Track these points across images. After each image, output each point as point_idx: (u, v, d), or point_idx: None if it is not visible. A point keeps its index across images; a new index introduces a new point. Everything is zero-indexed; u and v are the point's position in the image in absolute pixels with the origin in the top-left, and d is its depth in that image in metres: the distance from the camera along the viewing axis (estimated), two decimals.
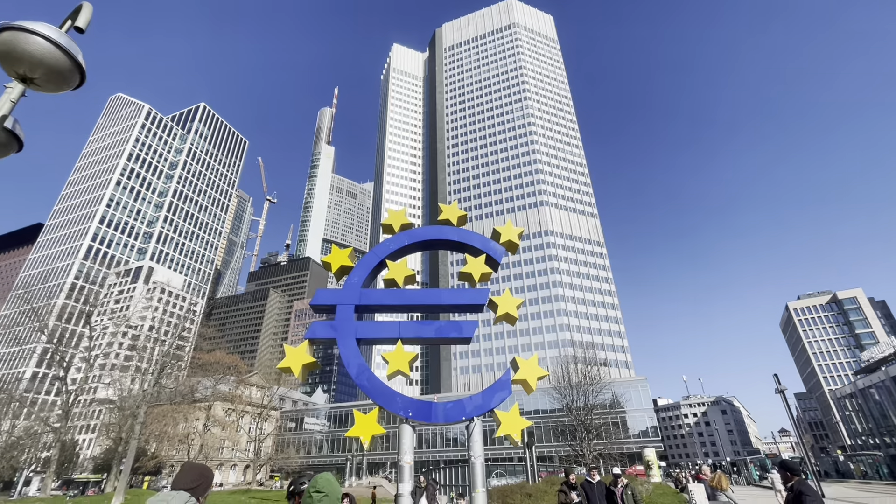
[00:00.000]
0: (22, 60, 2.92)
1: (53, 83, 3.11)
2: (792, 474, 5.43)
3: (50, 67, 2.99)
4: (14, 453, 55.30)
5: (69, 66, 3.06)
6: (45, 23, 2.98)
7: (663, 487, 20.52)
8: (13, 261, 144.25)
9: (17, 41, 2.87)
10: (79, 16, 3.21)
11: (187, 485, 2.68)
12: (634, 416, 67.40)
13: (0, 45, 2.87)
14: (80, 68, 3.13)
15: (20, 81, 3.04)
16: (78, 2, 3.42)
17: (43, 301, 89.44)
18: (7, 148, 3.44)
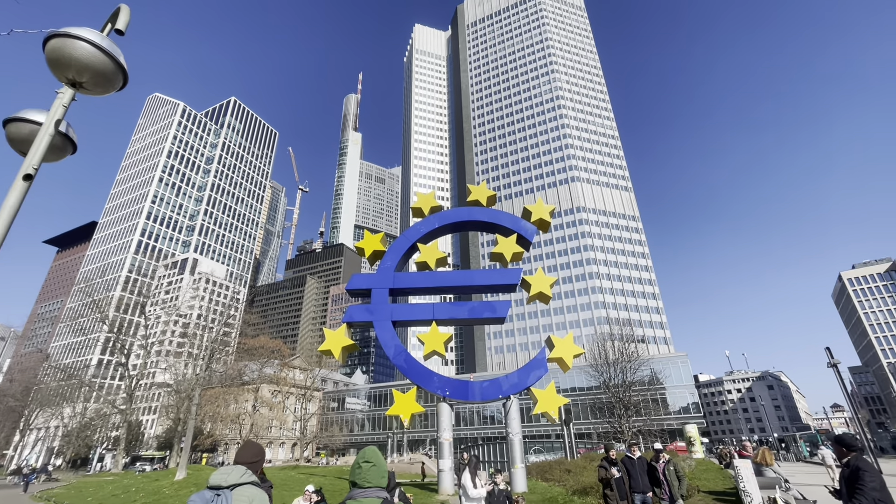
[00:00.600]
0: (70, 66, 3.09)
1: (100, 86, 3.29)
2: (848, 450, 5.15)
3: (96, 71, 3.16)
4: (88, 432, 60.62)
5: (113, 68, 3.22)
6: (88, 28, 3.13)
7: (706, 463, 20.16)
8: (74, 257, 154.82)
9: (64, 48, 3.04)
10: (118, 18, 3.36)
11: (247, 460, 3.07)
12: (674, 392, 66.12)
13: (49, 53, 3.06)
14: (123, 70, 3.29)
15: (70, 86, 3.23)
16: (116, 4, 3.56)
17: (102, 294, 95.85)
18: (63, 151, 3.68)
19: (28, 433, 72.11)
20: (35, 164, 3.06)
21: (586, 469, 16.21)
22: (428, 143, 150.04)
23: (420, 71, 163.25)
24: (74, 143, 3.66)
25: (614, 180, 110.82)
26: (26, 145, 3.44)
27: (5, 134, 3.55)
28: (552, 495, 13.94)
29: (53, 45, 3.04)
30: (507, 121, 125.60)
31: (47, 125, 3.16)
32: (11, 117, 3.43)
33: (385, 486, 2.80)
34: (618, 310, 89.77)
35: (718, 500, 12.21)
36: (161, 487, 21.46)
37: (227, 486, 2.83)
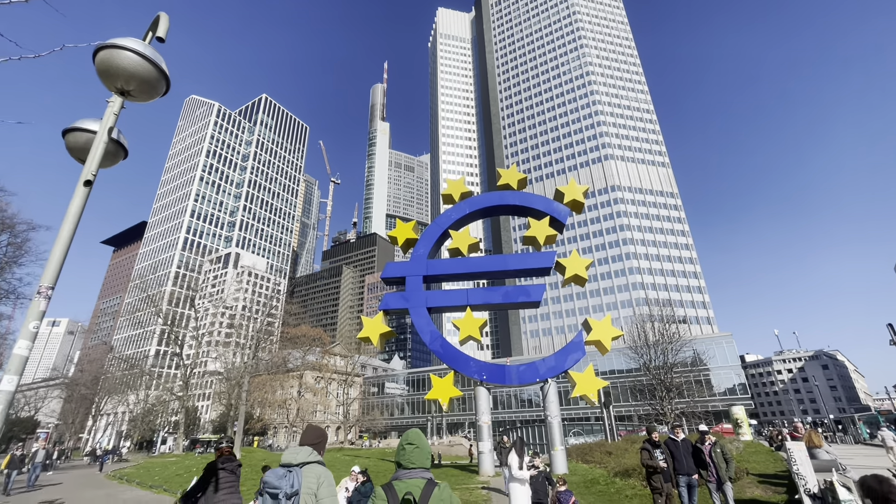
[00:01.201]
0: (119, 75, 3.29)
1: (146, 93, 3.48)
2: None
3: (142, 79, 3.35)
4: (151, 417, 65.32)
5: (157, 75, 3.40)
6: (133, 38, 3.31)
7: (755, 446, 19.47)
8: (129, 255, 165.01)
9: (112, 58, 3.23)
10: (158, 26, 3.53)
11: (311, 440, 3.42)
12: (719, 373, 63.90)
13: (99, 64, 3.25)
14: (166, 76, 3.47)
15: (119, 94, 3.44)
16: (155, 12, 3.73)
17: (155, 289, 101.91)
18: (116, 156, 3.93)
19: (99, 418, 78.43)
20: (93, 170, 3.28)
21: (628, 451, 16.04)
22: (455, 128, 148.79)
23: (445, 55, 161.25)
24: (126, 149, 3.90)
25: (650, 156, 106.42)
26: (84, 153, 3.69)
27: (65, 143, 3.82)
28: (593, 477, 13.91)
29: (102, 57, 3.24)
30: (535, 100, 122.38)
31: (101, 133, 3.38)
32: (69, 128, 3.69)
33: (428, 466, 2.90)
34: (657, 290, 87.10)
35: (768, 482, 11.82)
36: None
37: (296, 464, 3.18)
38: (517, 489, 8.00)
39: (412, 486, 2.76)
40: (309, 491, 3.06)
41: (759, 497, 10.57)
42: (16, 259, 31.83)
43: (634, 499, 11.01)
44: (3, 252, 31.80)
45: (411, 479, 2.80)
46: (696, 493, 8.63)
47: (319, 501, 3.06)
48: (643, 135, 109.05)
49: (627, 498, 11.20)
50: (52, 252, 3.05)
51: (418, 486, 2.74)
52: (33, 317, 2.89)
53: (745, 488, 11.31)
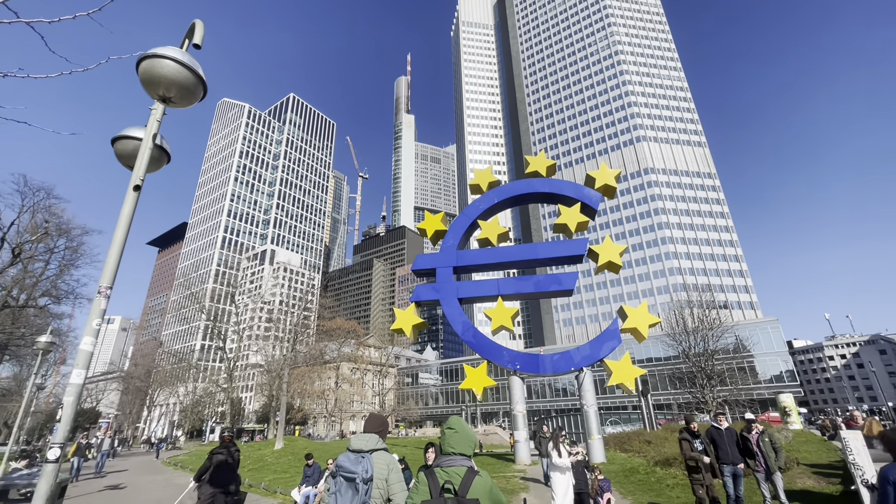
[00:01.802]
0: (160, 84, 3.45)
1: (185, 99, 3.64)
2: None
3: (181, 86, 3.50)
4: (199, 408, 68.94)
5: (195, 81, 3.55)
6: (172, 46, 3.46)
7: (806, 435, 18.61)
8: (172, 255, 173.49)
9: (154, 67, 3.39)
10: (194, 34, 3.67)
11: (375, 428, 3.57)
12: (764, 360, 61.27)
13: (143, 74, 3.42)
14: (203, 82, 3.62)
15: (161, 102, 3.61)
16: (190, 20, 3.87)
17: (198, 286, 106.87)
18: (160, 161, 4.13)
19: (153, 409, 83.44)
20: (141, 175, 3.47)
21: (667, 440, 15.69)
22: (481, 116, 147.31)
23: (468, 43, 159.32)
24: (169, 154, 4.09)
25: (685, 136, 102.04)
26: (131, 160, 3.90)
27: (114, 151, 4.04)
28: (633, 466, 13.71)
29: (145, 67, 3.40)
30: (563, 84, 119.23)
31: (146, 139, 3.56)
32: (117, 136, 3.90)
33: (471, 453, 2.91)
34: (695, 275, 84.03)
35: (821, 473, 11.30)
36: (264, 455, 24.00)
37: (367, 451, 3.36)
38: (558, 478, 7.99)
39: (453, 473, 2.75)
40: (380, 476, 3.23)
41: (812, 488, 10.14)
42: (73, 262, 34.05)
43: (676, 488, 10.79)
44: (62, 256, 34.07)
45: (452, 467, 2.79)
46: (742, 483, 8.34)
47: (390, 486, 3.24)
48: (677, 114, 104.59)
49: (669, 487, 10.99)
50: (109, 254, 3.25)
51: (458, 475, 2.74)
52: (95, 315, 3.11)
53: (795, 478, 10.87)
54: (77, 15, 3.12)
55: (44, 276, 33.86)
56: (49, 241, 32.71)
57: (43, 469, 2.70)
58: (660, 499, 9.98)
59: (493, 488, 2.74)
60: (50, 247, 33.15)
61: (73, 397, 2.91)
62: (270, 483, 15.69)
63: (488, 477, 2.81)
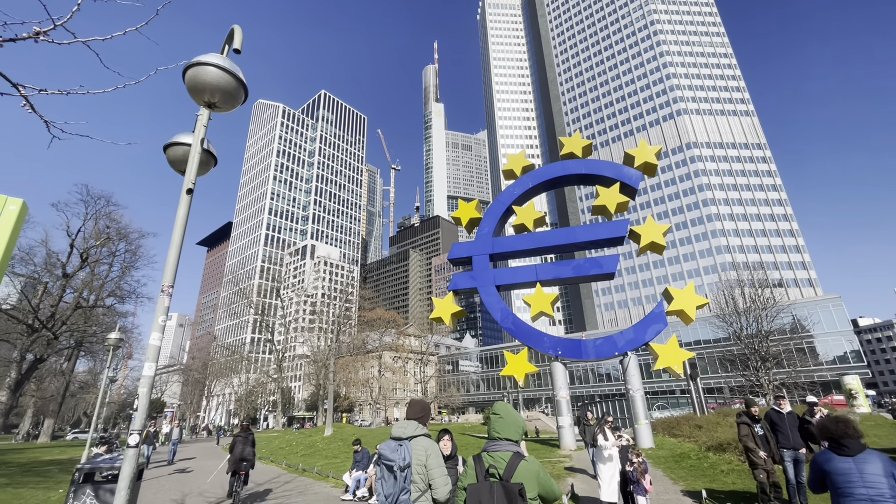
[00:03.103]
0: (205, 90, 3.61)
1: (228, 103, 3.79)
2: None
3: (224, 91, 3.65)
4: (253, 397, 72.79)
5: (236, 86, 3.70)
6: (214, 53, 3.61)
7: (875, 418, 17.42)
8: (220, 253, 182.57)
9: (198, 75, 3.55)
10: (233, 39, 3.81)
11: (416, 415, 3.67)
12: (826, 339, 57.54)
13: (189, 82, 3.59)
14: (245, 86, 3.76)
15: (206, 107, 3.77)
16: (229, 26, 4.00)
17: (245, 282, 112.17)
18: (208, 165, 4.33)
19: (211, 399, 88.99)
20: (192, 179, 3.66)
21: (720, 425, 15.11)
22: (511, 100, 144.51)
23: (495, 25, 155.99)
24: (216, 157, 4.28)
25: (730, 105, 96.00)
26: (182, 164, 4.11)
27: (166, 157, 4.28)
28: (683, 451, 13.33)
29: (190, 75, 3.57)
30: (595, 60, 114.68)
31: (195, 144, 3.75)
32: (169, 143, 4.13)
33: (518, 438, 2.93)
34: (746, 253, 79.63)
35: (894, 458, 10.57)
36: (315, 442, 25.10)
37: (406, 438, 3.46)
38: (604, 465, 7.92)
39: (498, 458, 2.78)
40: (419, 462, 3.34)
41: None
42: (132, 264, 36.51)
43: (731, 474, 10.41)
44: (123, 258, 36.58)
45: (498, 452, 2.81)
46: (803, 469, 7.94)
47: (429, 471, 3.33)
48: (721, 83, 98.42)
49: (723, 473, 10.61)
50: (168, 255, 3.47)
51: (504, 459, 2.76)
52: (161, 312, 3.33)
53: None
54: (127, 31, 3.30)
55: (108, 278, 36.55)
56: (111, 246, 35.21)
57: (125, 453, 2.96)
58: (713, 484, 9.67)
59: (539, 473, 2.75)
60: (112, 251, 35.68)
61: (146, 388, 3.15)
62: (322, 468, 16.41)
63: (535, 461, 2.81)
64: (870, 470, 3.30)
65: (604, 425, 8.16)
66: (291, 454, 22.35)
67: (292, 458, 20.69)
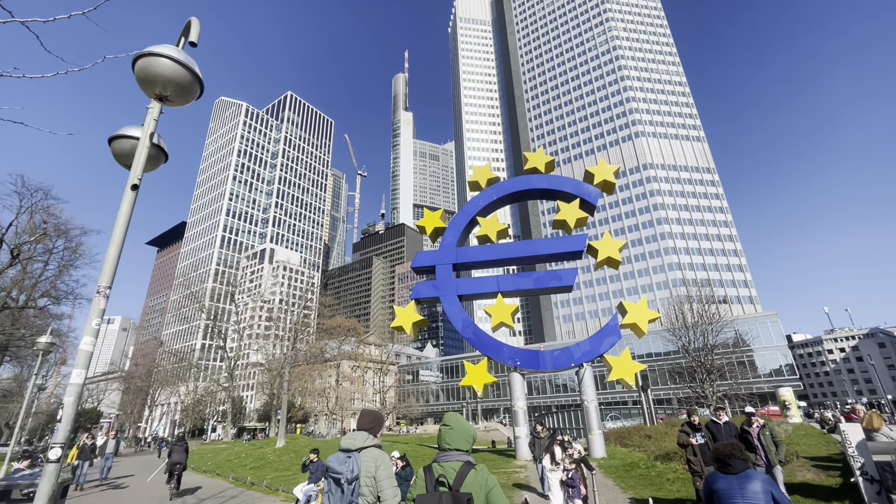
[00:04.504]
0: (157, 82, 3.43)
1: (182, 97, 3.62)
2: None
3: (178, 84, 3.49)
4: (200, 407, 69.04)
5: (191, 79, 3.54)
6: (168, 45, 3.44)
7: (806, 428, 18.71)
8: (172, 255, 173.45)
9: (150, 66, 3.38)
10: (190, 31, 3.66)
11: (367, 425, 3.57)
12: (764, 354, 61.44)
13: (139, 72, 3.41)
14: (200, 81, 3.60)
15: (157, 100, 3.59)
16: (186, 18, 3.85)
17: (197, 286, 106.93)
18: (157, 160, 4.12)
19: (154, 408, 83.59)
20: (139, 174, 3.46)
21: (667, 434, 15.75)
22: (479, 113, 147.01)
23: (465, 39, 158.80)
24: (166, 153, 4.08)
25: (684, 131, 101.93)
26: (129, 159, 3.89)
27: (111, 150, 4.03)
28: (633, 460, 13.76)
29: (141, 65, 3.39)
30: (561, 79, 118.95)
31: (144, 138, 3.55)
32: (114, 135, 3.89)
33: (468, 448, 2.94)
34: (695, 270, 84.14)
35: (821, 466, 11.36)
36: (265, 454, 24.07)
37: (355, 449, 3.35)
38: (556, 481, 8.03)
39: (448, 468, 2.81)
40: (368, 474, 3.23)
41: (811, 480, 10.19)
42: (72, 262, 33.98)
43: (676, 482, 10.83)
44: (61, 256, 34.00)
45: (448, 462, 2.85)
46: None
47: (378, 483, 3.22)
48: (676, 109, 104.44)
49: (669, 481, 11.03)
50: (107, 254, 3.24)
51: (454, 469, 2.79)
52: (95, 315, 3.10)
53: (795, 471, 10.92)
54: (72, 14, 3.10)
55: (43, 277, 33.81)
56: (48, 242, 32.63)
57: (44, 469, 2.70)
58: (660, 493, 10.02)
59: (488, 482, 2.76)
60: (49, 247, 33.07)
61: (73, 397, 2.91)
62: (273, 481, 15.74)
63: (485, 471, 2.83)
64: (750, 487, 3.58)
65: (553, 444, 8.20)
66: (240, 467, 21.31)
67: (241, 471, 19.72)
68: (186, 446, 14.11)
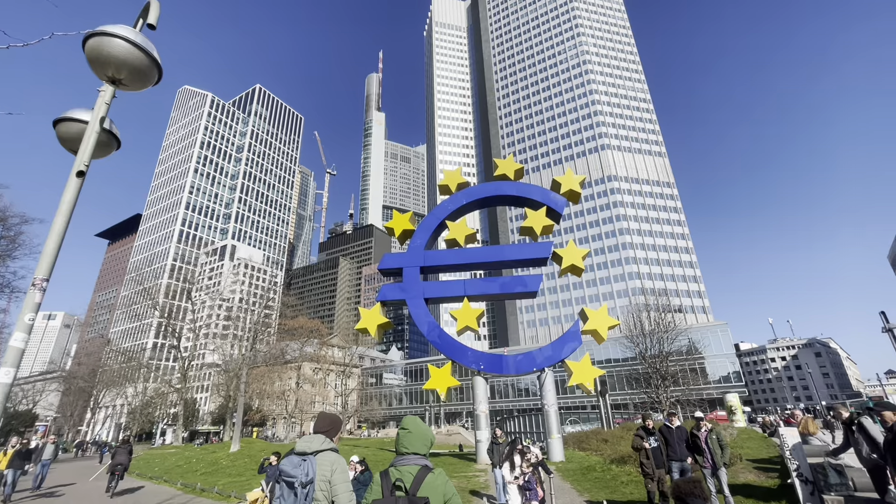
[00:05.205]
0: (109, 64, 3.23)
1: (138, 81, 3.43)
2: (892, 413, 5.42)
3: (133, 67, 3.30)
4: (149, 409, 65.53)
5: (148, 63, 3.35)
6: (123, 25, 3.25)
7: (749, 432, 19.79)
8: (124, 248, 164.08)
9: (102, 46, 3.18)
10: (149, 13, 3.47)
11: (324, 428, 3.47)
12: (714, 361, 64.58)
13: (89, 52, 3.20)
14: (158, 65, 3.42)
15: (110, 83, 3.38)
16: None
17: (151, 282, 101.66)
18: (108, 147, 3.88)
19: (98, 411, 78.59)
20: (86, 161, 3.25)
21: (623, 438, 16.25)
22: (452, 118, 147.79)
23: (440, 44, 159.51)
24: (118, 139, 3.85)
25: (647, 146, 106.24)
26: (76, 144, 3.64)
27: (56, 134, 3.77)
28: (590, 464, 14.10)
29: (92, 45, 3.18)
30: (532, 90, 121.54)
31: (93, 123, 3.34)
32: (60, 117, 3.63)
33: (425, 452, 2.92)
34: (653, 280, 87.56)
35: (762, 468, 12.02)
36: (218, 458, 23.08)
37: (310, 452, 3.25)
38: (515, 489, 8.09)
39: (405, 472, 2.78)
40: (323, 478, 3.15)
41: (753, 482, 10.76)
42: (9, 252, 31.58)
43: (630, 485, 11.18)
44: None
45: (405, 466, 2.82)
46: None
47: (333, 487, 3.15)
48: (640, 124, 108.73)
49: (623, 484, 11.37)
50: (46, 244, 3.03)
51: (411, 473, 2.76)
52: (29, 309, 2.88)
53: (738, 473, 11.50)
54: None
55: None
56: None
57: None
58: (614, 495, 10.31)
59: (445, 486, 2.75)
60: None
61: (0, 398, 2.68)
62: (224, 487, 15.11)
63: (442, 475, 2.82)
64: None
65: (513, 454, 8.23)
66: (190, 472, 20.33)
67: (190, 476, 18.82)
68: (130, 448, 14.75)
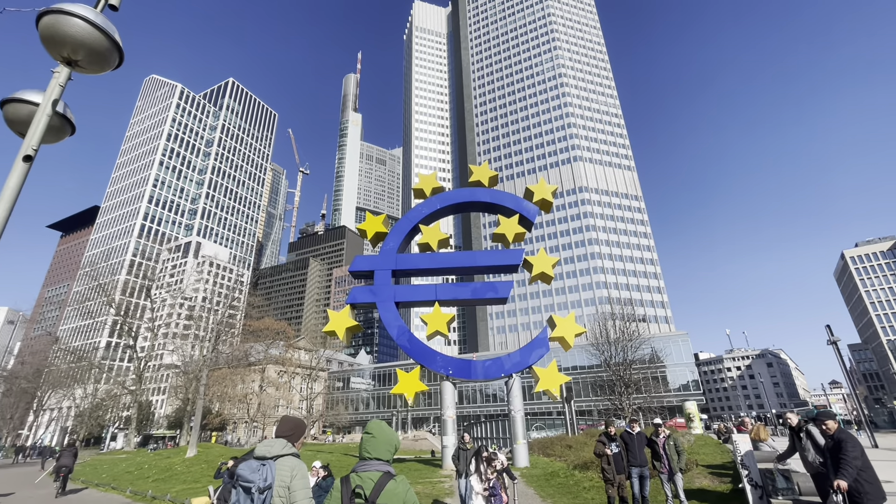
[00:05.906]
0: (65, 43, 3.05)
1: (96, 64, 3.24)
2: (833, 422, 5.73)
3: (91, 48, 3.12)
4: (100, 413, 62.06)
5: (108, 45, 3.18)
6: (82, 3, 3.08)
7: (705, 439, 20.54)
8: (79, 241, 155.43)
9: (58, 24, 2.99)
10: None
11: (286, 432, 3.35)
12: (675, 370, 66.87)
13: (43, 30, 3.00)
14: (119, 48, 3.24)
15: (65, 65, 3.19)
16: None
17: (108, 278, 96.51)
18: (61, 132, 3.66)
19: (41, 413, 73.79)
20: (34, 145, 3.04)
21: (587, 445, 16.55)
22: (429, 122, 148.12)
23: (420, 49, 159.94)
24: (73, 124, 3.64)
25: (617, 160, 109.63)
26: (25, 126, 3.41)
27: (2, 115, 3.53)
28: (554, 470, 14.27)
29: (47, 22, 2.99)
30: (508, 99, 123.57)
31: (44, 105, 3.14)
32: (8, 98, 3.40)
33: (389, 458, 2.86)
34: (619, 289, 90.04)
35: (716, 473, 12.48)
36: (173, 464, 22.05)
37: (270, 457, 3.13)
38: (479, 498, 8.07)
39: (366, 478, 2.71)
40: (282, 483, 3.04)
41: (707, 486, 11.15)
42: None
43: (592, 490, 11.37)
44: None
45: (367, 472, 2.75)
46: (648, 484, 9.01)
47: (292, 493, 3.03)
48: (611, 138, 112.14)
49: (585, 489, 11.55)
50: None
51: (372, 480, 2.70)
52: None
53: (694, 478, 11.89)
54: None
55: None
56: None
57: None
58: (576, 500, 10.46)
59: (406, 494, 2.70)
60: None
61: None
62: (178, 495, 14.44)
63: (404, 482, 2.76)
64: None
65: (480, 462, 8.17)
66: (141, 479, 19.33)
67: (141, 483, 17.89)
68: (76, 452, 15.31)
